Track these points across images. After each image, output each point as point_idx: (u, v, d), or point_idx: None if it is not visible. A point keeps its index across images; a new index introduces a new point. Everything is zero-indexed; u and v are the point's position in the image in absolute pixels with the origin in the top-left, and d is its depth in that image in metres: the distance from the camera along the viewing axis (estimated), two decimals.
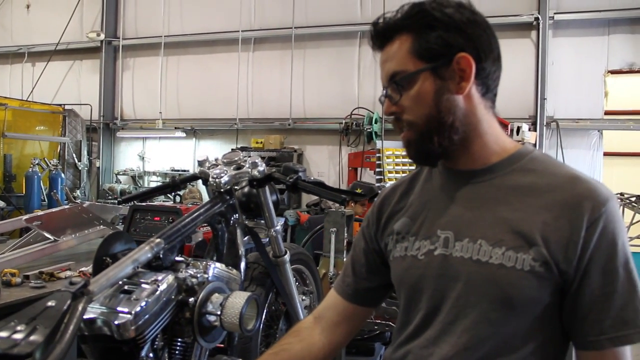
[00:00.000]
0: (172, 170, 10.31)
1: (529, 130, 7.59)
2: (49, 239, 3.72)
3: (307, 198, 9.12)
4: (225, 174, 2.23)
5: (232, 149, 6.76)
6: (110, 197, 9.86)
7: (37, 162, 8.81)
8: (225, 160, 2.32)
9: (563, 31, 8.38)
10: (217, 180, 2.21)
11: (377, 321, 3.11)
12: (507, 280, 1.09)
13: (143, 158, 10.91)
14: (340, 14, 9.32)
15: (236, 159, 2.33)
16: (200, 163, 2.32)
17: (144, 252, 1.77)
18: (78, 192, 9.73)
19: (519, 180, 1.15)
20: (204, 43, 10.34)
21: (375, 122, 8.51)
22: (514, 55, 8.44)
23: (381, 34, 1.19)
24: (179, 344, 1.86)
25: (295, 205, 8.94)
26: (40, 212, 4.72)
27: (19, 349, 1.20)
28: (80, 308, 1.42)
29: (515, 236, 1.10)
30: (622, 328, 1.06)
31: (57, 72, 11.16)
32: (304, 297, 2.80)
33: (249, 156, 2.37)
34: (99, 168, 10.95)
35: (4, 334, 1.23)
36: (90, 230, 3.99)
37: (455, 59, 1.14)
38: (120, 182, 10.79)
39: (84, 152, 10.35)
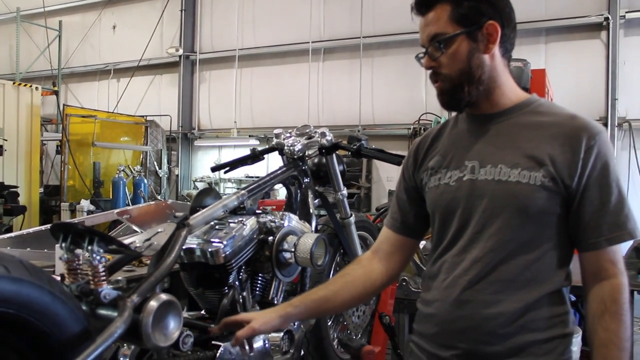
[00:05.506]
0: (246, 177, 10.71)
1: None
2: (137, 231, 4.14)
3: (376, 202, 9.32)
4: (298, 143, 2.53)
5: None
6: (188, 202, 10.34)
7: (122, 169, 9.47)
8: (298, 132, 2.63)
9: (635, 30, 8.25)
10: (291, 148, 2.52)
11: None
12: (523, 193, 1.36)
13: None
14: (406, 23, 9.37)
15: (307, 130, 2.63)
16: (277, 135, 2.62)
17: (231, 200, 2.12)
18: (159, 197, 10.32)
19: (529, 120, 1.44)
20: (276, 55, 10.83)
21: None
22: (583, 56, 8.40)
23: (424, 3, 1.46)
24: (259, 279, 2.17)
25: (365, 209, 9.17)
26: (129, 207, 5.20)
27: (144, 252, 1.70)
28: (182, 235, 1.76)
29: (528, 159, 1.38)
30: (615, 230, 1.35)
31: (140, 86, 11.95)
32: None
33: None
34: (177, 175, 11.58)
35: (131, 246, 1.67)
36: None
37: (486, 25, 1.41)
38: (198, 189, 11.26)
39: (164, 161, 11.01)
